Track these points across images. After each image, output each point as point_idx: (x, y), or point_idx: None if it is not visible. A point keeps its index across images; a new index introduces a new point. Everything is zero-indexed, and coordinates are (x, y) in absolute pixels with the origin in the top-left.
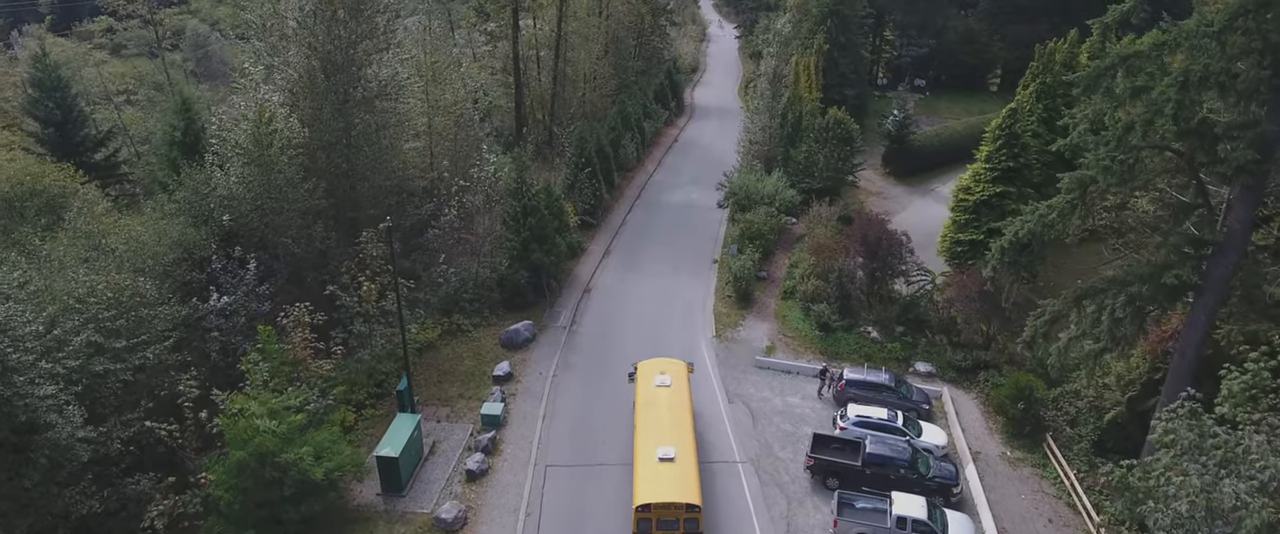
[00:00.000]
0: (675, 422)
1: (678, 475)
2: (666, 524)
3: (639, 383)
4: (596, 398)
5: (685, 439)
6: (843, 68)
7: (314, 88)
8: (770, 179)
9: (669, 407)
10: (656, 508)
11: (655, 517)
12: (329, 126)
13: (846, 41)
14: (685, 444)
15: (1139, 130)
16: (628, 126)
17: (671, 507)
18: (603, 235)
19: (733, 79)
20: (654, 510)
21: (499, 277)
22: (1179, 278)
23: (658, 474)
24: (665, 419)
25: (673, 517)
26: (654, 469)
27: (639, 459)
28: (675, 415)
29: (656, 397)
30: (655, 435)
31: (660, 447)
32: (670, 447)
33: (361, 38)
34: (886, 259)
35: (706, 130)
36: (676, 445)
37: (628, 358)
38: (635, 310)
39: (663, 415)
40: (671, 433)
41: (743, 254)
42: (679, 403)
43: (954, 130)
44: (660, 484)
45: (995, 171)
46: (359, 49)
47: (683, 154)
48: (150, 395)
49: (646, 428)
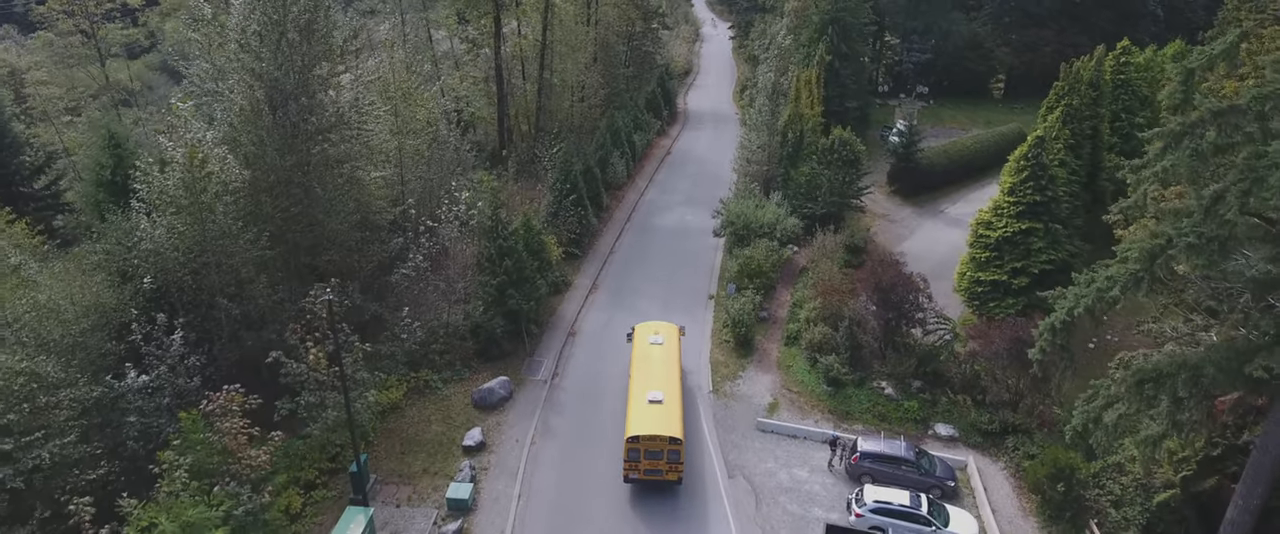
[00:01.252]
0: (665, 373)
1: (663, 415)
2: (652, 454)
3: (635, 342)
4: (581, 472)
5: (672, 387)
6: (844, 78)
7: (257, 121)
8: (770, 205)
9: (660, 361)
10: (644, 440)
11: (643, 447)
12: (275, 165)
13: (848, 50)
14: (672, 391)
15: (1234, 201)
16: (617, 143)
17: (657, 439)
18: (590, 265)
19: (727, 81)
20: (642, 442)
21: (473, 324)
22: (1269, 371)
23: (647, 413)
24: (657, 371)
25: (658, 448)
26: (644, 409)
27: (632, 401)
28: (665, 368)
29: (650, 353)
30: (647, 383)
31: (650, 391)
32: (659, 391)
33: (316, 60)
34: (901, 307)
35: (700, 140)
36: (665, 391)
37: (615, 419)
38: (625, 358)
39: (655, 368)
40: (661, 382)
41: (742, 293)
42: (669, 358)
43: (964, 146)
44: (648, 421)
45: (1020, 206)
46: (313, 74)
47: (676, 169)
48: (48, 503)
49: (640, 377)
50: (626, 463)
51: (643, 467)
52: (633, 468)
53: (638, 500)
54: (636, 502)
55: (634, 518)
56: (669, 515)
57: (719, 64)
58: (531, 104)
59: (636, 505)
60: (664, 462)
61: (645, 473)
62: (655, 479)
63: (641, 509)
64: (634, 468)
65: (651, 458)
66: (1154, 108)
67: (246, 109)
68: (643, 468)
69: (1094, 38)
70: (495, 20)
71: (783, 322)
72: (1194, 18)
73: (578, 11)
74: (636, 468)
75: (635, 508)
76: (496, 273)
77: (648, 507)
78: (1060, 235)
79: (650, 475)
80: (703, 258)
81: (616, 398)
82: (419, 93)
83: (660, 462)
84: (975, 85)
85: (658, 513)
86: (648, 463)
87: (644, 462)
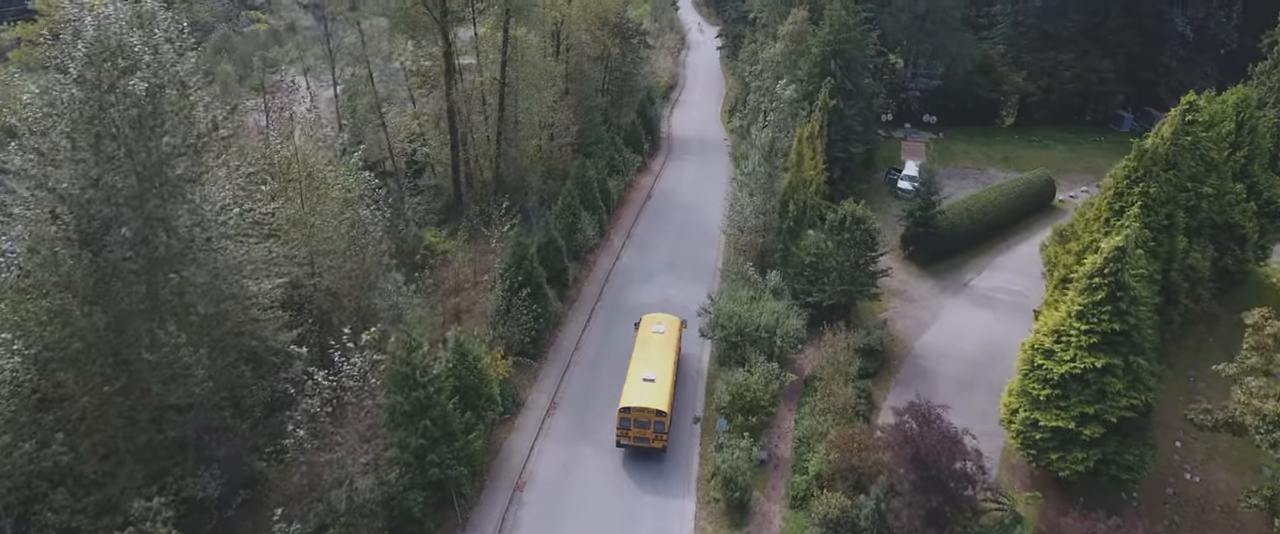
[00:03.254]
0: (661, 358)
1: (654, 390)
2: (641, 424)
3: (641, 329)
4: None
5: (665, 369)
6: (849, 118)
7: (56, 266)
8: (767, 299)
9: (658, 347)
10: (634, 411)
11: (634, 417)
12: (84, 328)
13: (853, 86)
14: (664, 372)
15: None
16: (587, 199)
17: (645, 410)
18: (549, 371)
19: (715, 96)
20: (633, 412)
21: (384, 496)
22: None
23: (640, 388)
24: (654, 355)
25: (646, 419)
26: (638, 385)
27: (629, 378)
28: (662, 353)
29: (651, 339)
30: (644, 365)
31: (645, 371)
32: (653, 372)
33: (168, 158)
34: (946, 485)
35: (685, 177)
36: (657, 372)
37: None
38: (594, 521)
39: (653, 353)
40: (656, 365)
41: (734, 432)
42: (667, 345)
43: (988, 201)
44: (640, 395)
45: (1093, 336)
46: (159, 180)
47: (657, 218)
48: None
49: (639, 359)
50: (619, 430)
51: (633, 434)
52: (624, 435)
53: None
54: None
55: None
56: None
57: (706, 75)
58: (492, 149)
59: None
60: (650, 431)
61: (635, 440)
62: (643, 446)
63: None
64: (625, 435)
65: (640, 427)
66: (1220, 173)
67: (42, 249)
68: (633, 435)
69: (1117, 61)
70: (446, 56)
71: (786, 464)
72: (1226, 38)
73: (542, 43)
74: (627, 435)
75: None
76: (413, 433)
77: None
78: (1143, 372)
79: (639, 442)
80: (688, 360)
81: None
82: (327, 172)
83: (648, 431)
84: (986, 113)
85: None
86: (636, 431)
87: (634, 430)
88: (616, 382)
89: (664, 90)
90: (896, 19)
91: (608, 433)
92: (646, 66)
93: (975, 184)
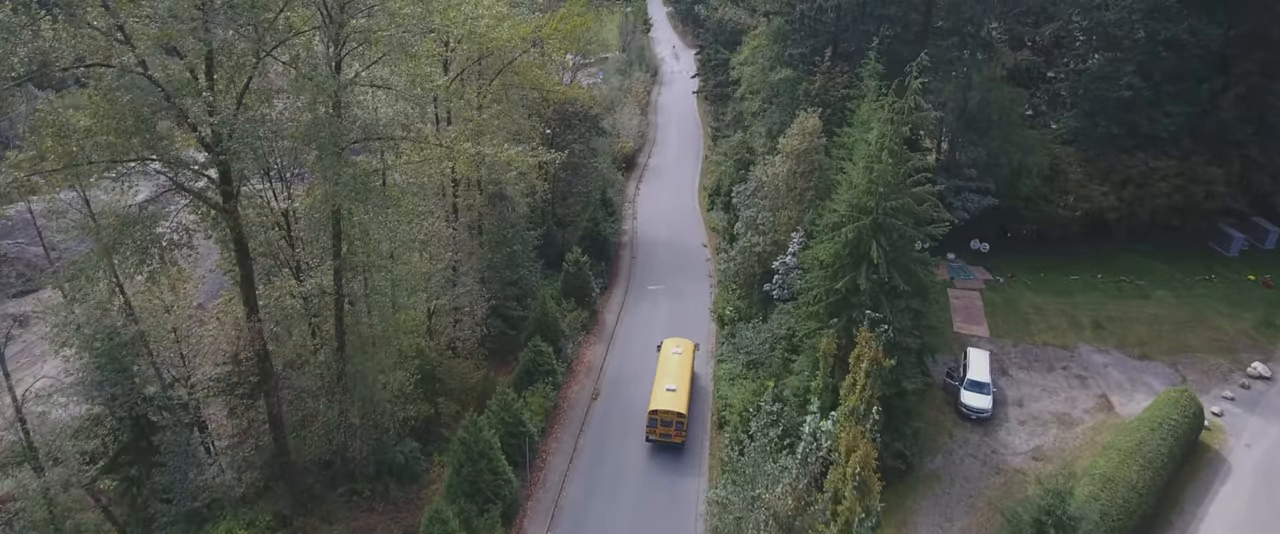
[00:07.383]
0: (679, 372)
1: (675, 398)
2: (665, 423)
3: (662, 350)
4: None
5: (683, 381)
6: (899, 333)
7: None
8: None
9: (676, 364)
10: (660, 413)
11: (660, 418)
12: None
13: (905, 282)
14: (683, 384)
15: None
16: (474, 490)
17: (669, 413)
18: None
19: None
20: (659, 414)
21: None
22: None
23: (664, 396)
24: (673, 371)
25: (669, 420)
26: (663, 394)
27: (655, 388)
28: (680, 369)
29: (670, 359)
30: (666, 378)
31: (668, 383)
32: (674, 383)
33: None
34: None
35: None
36: (677, 384)
37: None
38: None
39: (671, 369)
40: (675, 378)
41: None
42: (684, 363)
43: (1130, 485)
44: (664, 401)
45: None
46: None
47: (602, 443)
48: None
49: (662, 373)
50: (648, 428)
51: (659, 431)
52: (652, 431)
53: None
54: None
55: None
56: None
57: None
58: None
59: None
60: (672, 429)
61: (660, 436)
62: (666, 442)
63: None
64: (652, 431)
65: (665, 426)
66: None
67: None
68: (659, 432)
69: (1230, 167)
70: (238, 244)
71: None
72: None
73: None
74: (655, 432)
75: None
76: None
77: None
78: None
79: (663, 437)
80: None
81: None
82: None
83: (671, 429)
84: (1045, 233)
85: None
86: (661, 429)
87: (659, 427)
88: None
89: (627, 161)
90: (935, 119)
91: None
92: (604, 139)
93: (1068, 381)
